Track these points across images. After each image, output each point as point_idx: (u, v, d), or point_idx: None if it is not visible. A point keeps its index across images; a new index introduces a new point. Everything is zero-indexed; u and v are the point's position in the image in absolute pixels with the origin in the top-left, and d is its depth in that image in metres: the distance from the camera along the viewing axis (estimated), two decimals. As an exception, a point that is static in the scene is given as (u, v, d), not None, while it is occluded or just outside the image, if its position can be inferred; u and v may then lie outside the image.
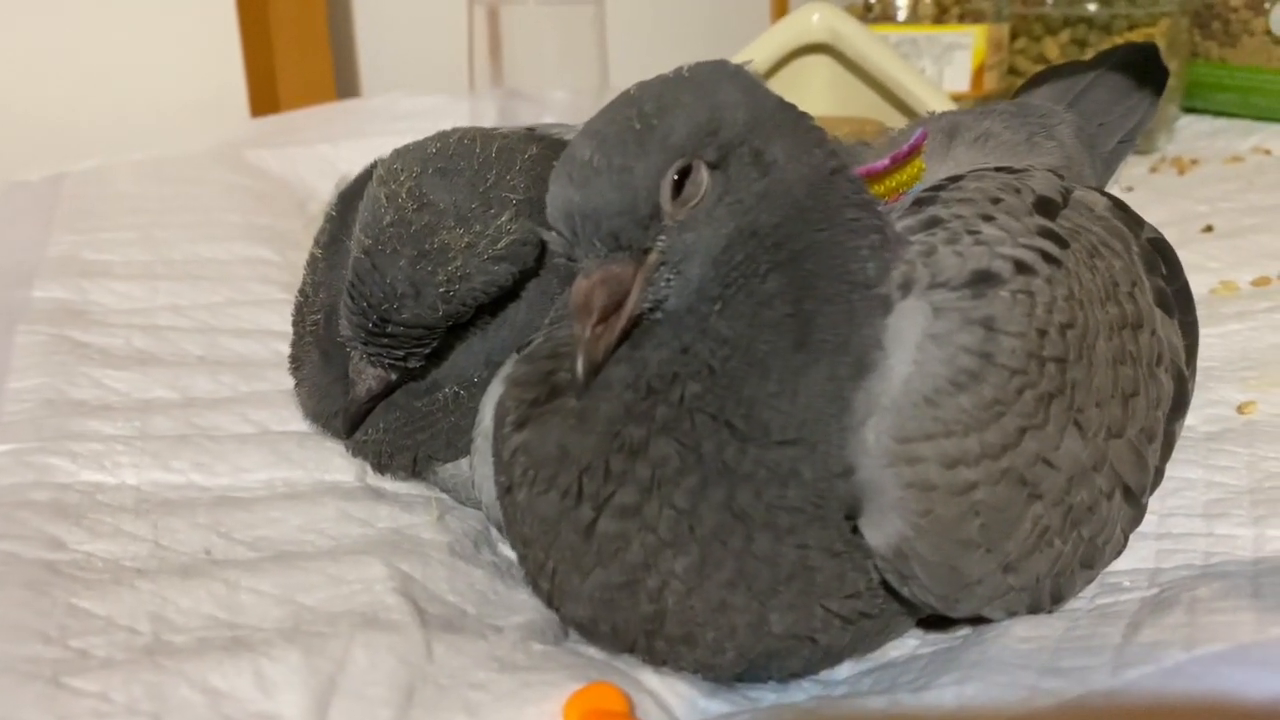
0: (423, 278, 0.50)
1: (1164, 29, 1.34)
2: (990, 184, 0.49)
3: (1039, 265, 0.45)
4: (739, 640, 0.42)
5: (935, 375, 0.41)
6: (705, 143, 0.41)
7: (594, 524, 0.42)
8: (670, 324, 0.42)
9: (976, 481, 0.41)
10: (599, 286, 0.41)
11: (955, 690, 0.40)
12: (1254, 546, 0.53)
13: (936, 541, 0.41)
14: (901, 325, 0.42)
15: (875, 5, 1.33)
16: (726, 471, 0.41)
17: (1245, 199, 1.15)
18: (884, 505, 0.40)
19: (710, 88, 0.43)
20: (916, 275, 0.43)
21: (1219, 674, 0.38)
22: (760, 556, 0.41)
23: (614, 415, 0.42)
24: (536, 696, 0.42)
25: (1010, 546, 0.42)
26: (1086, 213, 0.52)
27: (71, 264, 0.88)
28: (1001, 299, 0.43)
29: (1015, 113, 0.66)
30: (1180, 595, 0.46)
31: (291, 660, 0.42)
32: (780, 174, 0.43)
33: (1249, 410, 0.67)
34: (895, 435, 0.40)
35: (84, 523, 0.53)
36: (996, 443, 0.41)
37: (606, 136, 0.41)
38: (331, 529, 0.54)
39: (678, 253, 0.42)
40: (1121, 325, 0.48)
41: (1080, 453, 0.44)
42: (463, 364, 0.56)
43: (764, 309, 0.41)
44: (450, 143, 0.54)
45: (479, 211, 0.51)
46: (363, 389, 0.55)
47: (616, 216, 0.40)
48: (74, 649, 0.43)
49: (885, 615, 0.45)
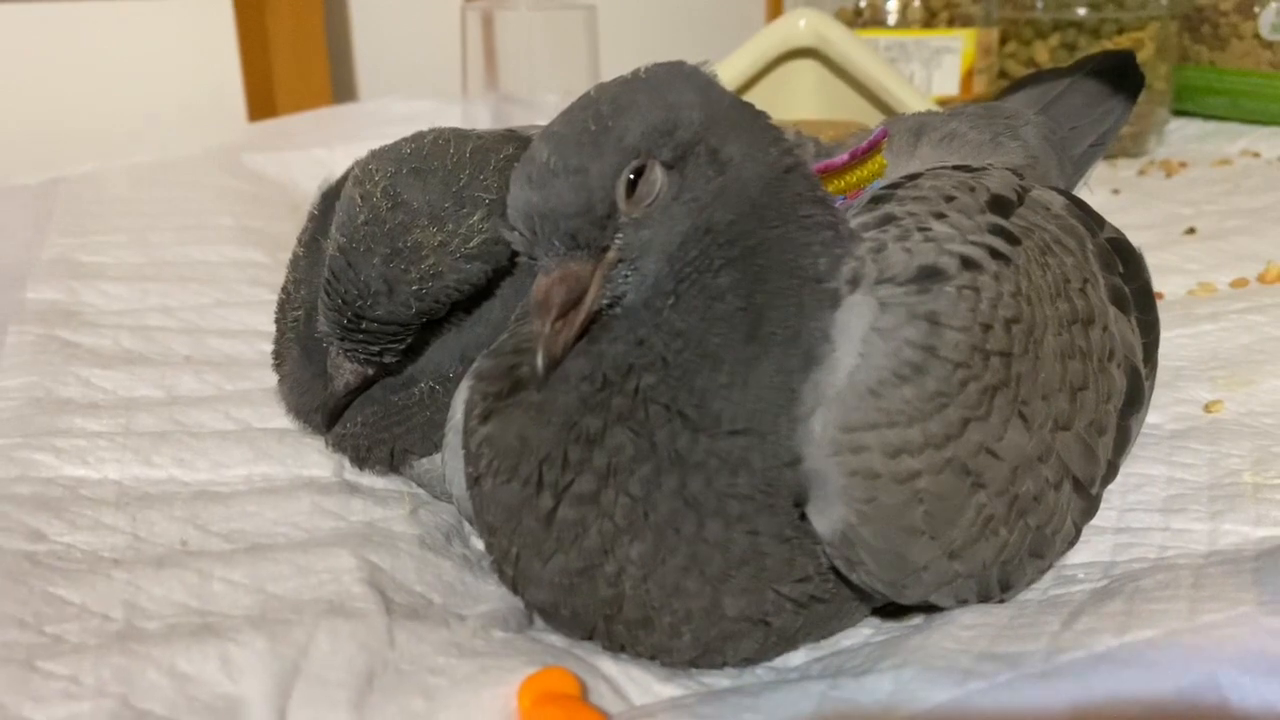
0: (396, 275, 0.51)
1: (1153, 33, 1.35)
2: (946, 182, 0.50)
3: (986, 261, 0.46)
4: (694, 624, 0.43)
5: (879, 367, 0.42)
6: (660, 143, 0.42)
7: (554, 511, 0.43)
8: (627, 318, 0.44)
9: (920, 470, 0.42)
10: (558, 284, 0.42)
11: (893, 674, 0.41)
12: (1208, 540, 0.54)
13: (881, 528, 0.42)
14: (848, 319, 0.43)
15: (865, 9, 1.34)
16: (679, 460, 0.42)
17: (1230, 201, 1.16)
18: (829, 493, 0.42)
19: (665, 88, 0.44)
20: (865, 271, 0.44)
21: (1145, 659, 0.39)
22: (712, 542, 0.42)
23: (572, 406, 0.43)
24: (492, 681, 0.43)
25: (955, 534, 0.43)
26: (1043, 211, 0.54)
27: (65, 266, 0.90)
28: (946, 294, 0.44)
29: (982, 114, 0.67)
30: (1124, 586, 0.47)
31: (257, 646, 0.44)
32: (736, 172, 0.44)
33: (1215, 409, 0.68)
34: (840, 425, 0.41)
35: (65, 515, 0.54)
36: (939, 433, 0.42)
37: (564, 138, 0.43)
38: (305, 522, 0.55)
39: (634, 250, 0.43)
40: (1072, 320, 0.50)
41: (1025, 444, 0.45)
42: (439, 360, 0.57)
43: (716, 303, 0.43)
44: (425, 143, 0.55)
45: (452, 210, 0.52)
46: (340, 384, 0.56)
47: (573, 217, 0.42)
48: (48, 634, 0.45)
49: (837, 600, 0.46)
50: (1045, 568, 0.50)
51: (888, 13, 1.32)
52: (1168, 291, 0.90)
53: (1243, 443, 0.63)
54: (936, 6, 1.32)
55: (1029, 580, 0.49)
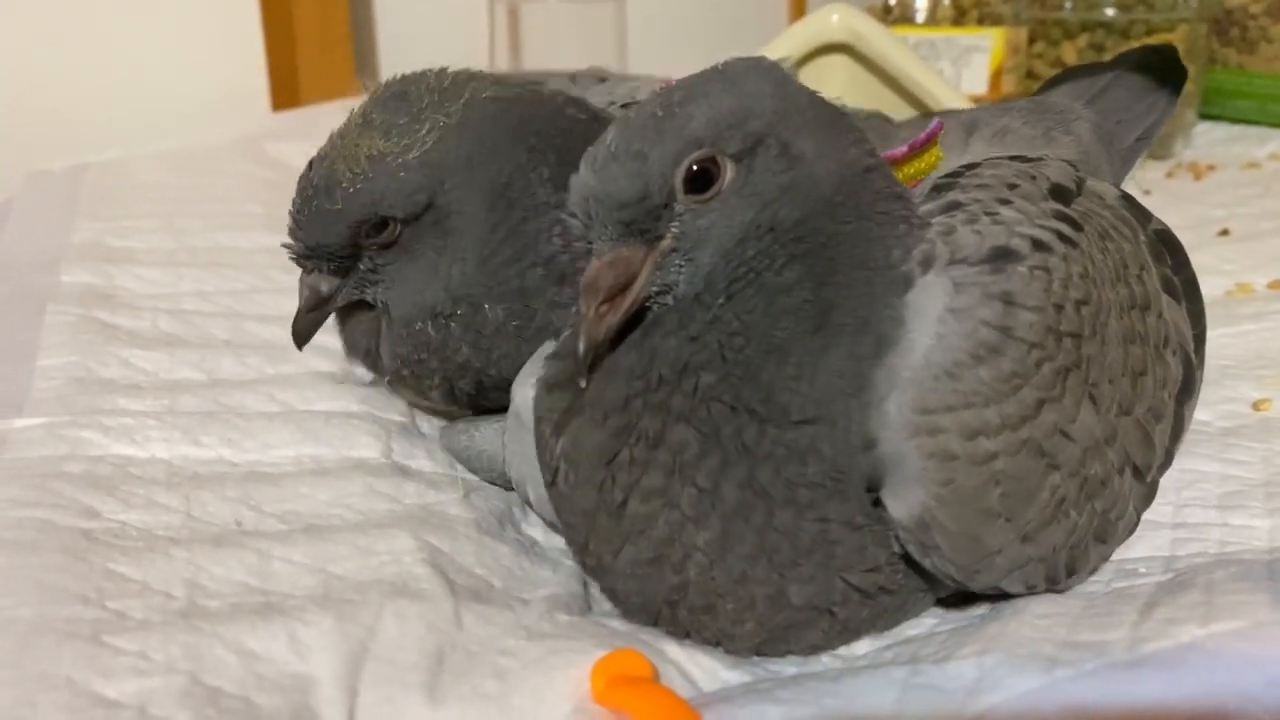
0: (331, 175, 0.54)
1: (1182, 35, 1.35)
2: (1006, 171, 0.50)
3: (1055, 244, 0.46)
4: (758, 611, 0.43)
5: (955, 349, 0.42)
6: (727, 134, 0.42)
7: (623, 506, 0.43)
8: (678, 311, 0.43)
9: (996, 452, 0.41)
10: (607, 268, 0.42)
11: (976, 661, 0.40)
12: (1269, 537, 0.54)
13: (958, 511, 0.41)
14: (922, 300, 0.43)
15: (894, 7, 1.34)
16: (746, 452, 0.42)
17: (1262, 204, 1.15)
18: (906, 476, 0.41)
19: (738, 81, 0.44)
20: (937, 253, 0.44)
21: (1234, 650, 0.38)
22: (781, 530, 0.42)
23: (629, 404, 0.43)
24: (564, 663, 0.42)
25: (1030, 515, 0.43)
26: (1098, 201, 0.54)
27: (96, 250, 0.89)
28: (1020, 274, 0.44)
29: (1033, 109, 0.67)
30: (1196, 578, 0.47)
31: (324, 625, 0.43)
32: (808, 168, 0.43)
33: (1264, 407, 0.68)
34: (917, 407, 0.41)
35: (117, 494, 0.54)
36: (1015, 414, 0.42)
37: (630, 123, 0.43)
38: (359, 504, 0.55)
39: (690, 240, 0.43)
40: (1130, 306, 0.49)
41: (1094, 426, 0.45)
42: (426, 297, 0.57)
43: (781, 297, 0.42)
44: (424, 72, 0.58)
45: (405, 126, 0.55)
46: (301, 299, 0.57)
47: (629, 203, 0.42)
48: (112, 610, 0.44)
49: (904, 592, 0.45)
50: (1108, 554, 0.49)
51: (917, 10, 1.32)
52: (1205, 291, 0.88)
53: (1295, 441, 0.62)
54: (966, 5, 1.31)
55: (1093, 567, 0.48)
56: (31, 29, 1.38)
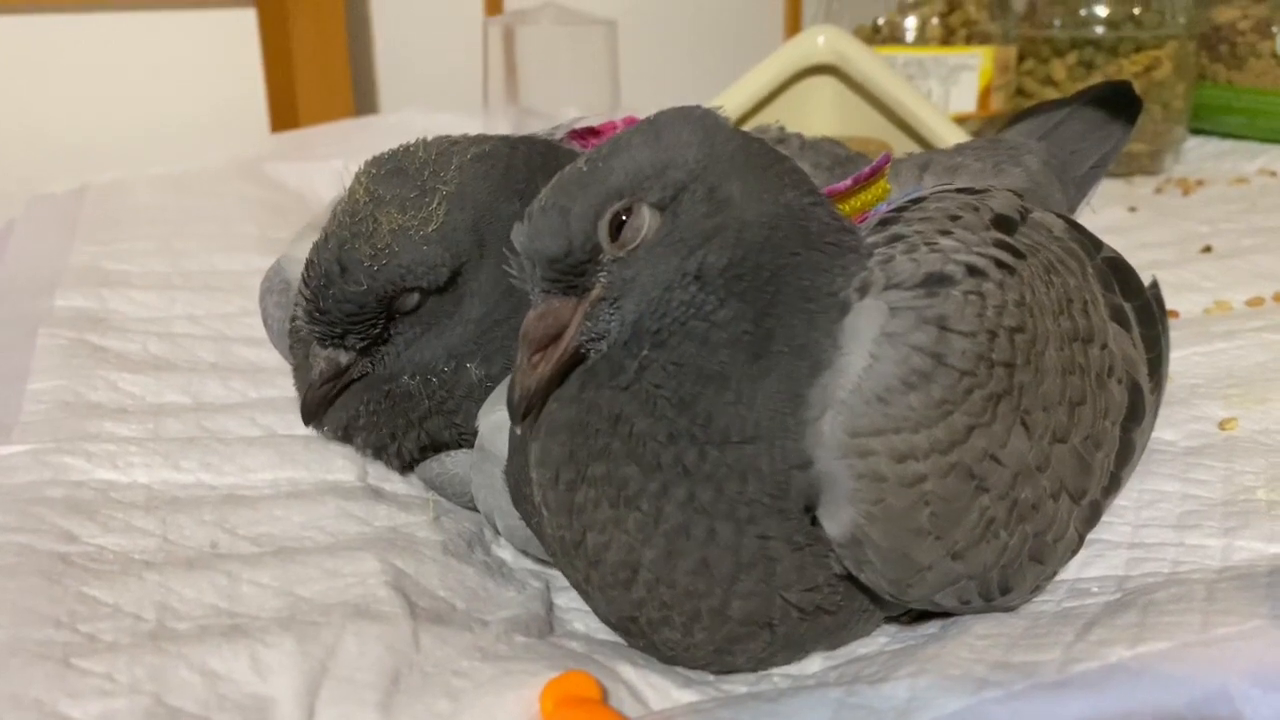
0: (351, 254, 0.55)
1: (1171, 51, 1.36)
2: (950, 203, 0.52)
3: (991, 270, 0.47)
4: (704, 622, 0.45)
5: (888, 374, 0.43)
6: (646, 184, 0.44)
7: (581, 542, 0.46)
8: (609, 361, 0.45)
9: (926, 474, 0.43)
10: (539, 320, 0.45)
11: (909, 682, 0.41)
12: (1222, 556, 0.55)
13: (888, 529, 0.43)
14: (858, 324, 0.44)
15: (883, 27, 1.35)
16: (686, 474, 0.43)
17: (1247, 220, 1.16)
18: (839, 495, 0.43)
19: (662, 131, 0.46)
20: (873, 279, 0.45)
21: (1158, 670, 0.39)
22: (723, 545, 0.44)
23: (569, 457, 0.45)
24: (515, 684, 0.44)
25: (958, 535, 0.44)
26: (1044, 233, 0.55)
27: (92, 274, 0.91)
28: (954, 298, 0.45)
29: (986, 147, 0.70)
30: (1138, 599, 0.48)
31: (286, 646, 0.45)
32: (737, 211, 0.45)
33: (1230, 426, 0.68)
34: (848, 430, 0.43)
35: (97, 518, 0.55)
36: (945, 439, 0.43)
37: (561, 179, 0.45)
38: (331, 526, 0.56)
39: (617, 289, 0.45)
40: (1073, 338, 0.51)
41: (1026, 452, 0.46)
42: (427, 357, 0.58)
43: (716, 332, 0.44)
44: (409, 146, 0.59)
45: (415, 200, 0.56)
46: (315, 372, 0.58)
47: (556, 256, 0.44)
48: (83, 633, 0.46)
49: (844, 612, 0.47)
50: (1049, 574, 0.51)
51: (906, 30, 1.33)
52: (1183, 309, 0.90)
53: (1257, 460, 0.63)
54: (955, 24, 1.32)
55: (1031, 584, 0.49)
56: (31, 54, 1.40)
